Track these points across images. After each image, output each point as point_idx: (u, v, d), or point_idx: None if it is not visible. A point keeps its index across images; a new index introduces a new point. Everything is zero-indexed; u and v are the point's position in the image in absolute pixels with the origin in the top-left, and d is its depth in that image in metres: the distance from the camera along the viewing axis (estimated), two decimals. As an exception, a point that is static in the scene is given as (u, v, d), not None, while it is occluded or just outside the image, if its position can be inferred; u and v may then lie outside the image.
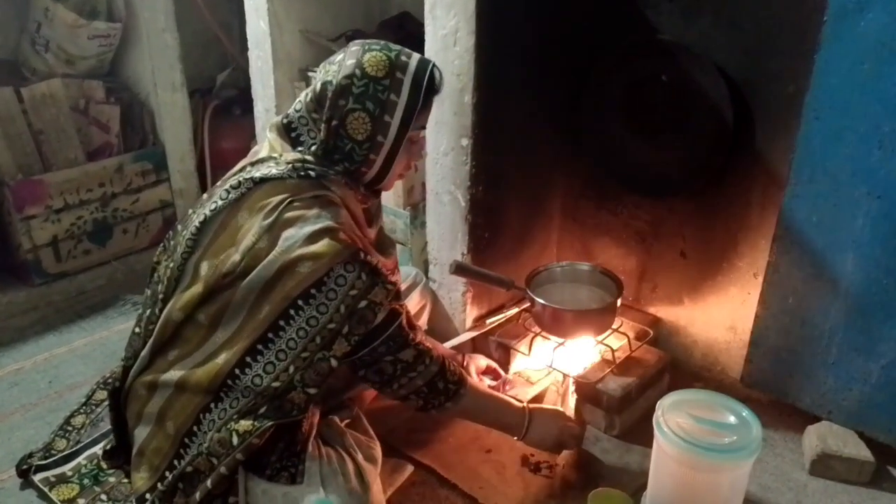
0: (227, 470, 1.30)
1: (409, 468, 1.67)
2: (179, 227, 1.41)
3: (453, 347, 1.87)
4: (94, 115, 2.52)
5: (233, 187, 1.34)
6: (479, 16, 1.69)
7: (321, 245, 1.26)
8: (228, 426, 1.29)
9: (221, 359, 1.29)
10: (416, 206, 2.18)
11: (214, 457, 1.30)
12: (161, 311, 1.36)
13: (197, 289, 1.31)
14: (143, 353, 1.38)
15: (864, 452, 1.65)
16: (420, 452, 1.72)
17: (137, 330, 1.43)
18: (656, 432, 1.40)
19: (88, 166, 2.47)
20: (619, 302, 1.85)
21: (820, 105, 1.55)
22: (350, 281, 1.27)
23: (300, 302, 1.26)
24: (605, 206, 2.10)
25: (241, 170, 1.39)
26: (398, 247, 2.23)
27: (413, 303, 1.85)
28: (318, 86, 1.35)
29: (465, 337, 1.99)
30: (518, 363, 1.98)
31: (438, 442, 1.76)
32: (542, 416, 1.58)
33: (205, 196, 1.42)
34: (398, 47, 1.38)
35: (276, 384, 1.28)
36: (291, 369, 1.28)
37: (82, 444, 1.74)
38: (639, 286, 2.11)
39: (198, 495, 1.31)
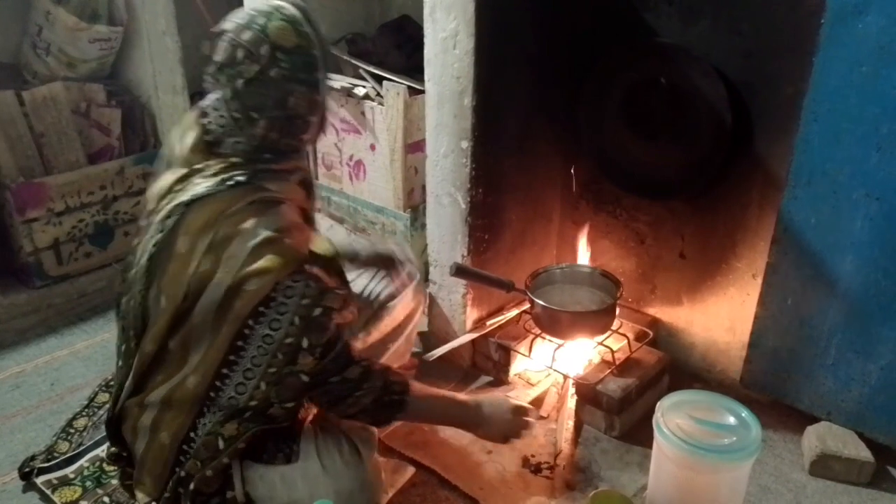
0: (213, 472, 1.30)
1: (410, 469, 1.68)
2: (131, 259, 1.38)
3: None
4: (95, 118, 2.53)
5: (166, 217, 1.29)
6: (479, 19, 1.70)
7: (265, 260, 1.22)
8: (215, 429, 1.29)
9: (197, 381, 1.28)
10: (416, 209, 2.19)
11: (199, 460, 1.30)
12: (136, 345, 1.35)
13: (162, 322, 1.29)
14: (128, 383, 1.37)
15: (863, 453, 1.66)
16: (420, 454, 1.72)
17: (120, 364, 1.41)
18: (656, 433, 1.40)
19: (89, 169, 2.47)
20: (618, 303, 1.86)
21: (818, 107, 1.56)
22: (300, 290, 1.23)
23: (251, 321, 1.23)
24: (605, 208, 2.11)
25: (170, 190, 1.33)
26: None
27: (405, 302, 1.83)
28: (240, 85, 1.27)
29: (465, 339, 2.00)
30: (518, 364, 1.99)
31: (439, 443, 1.76)
32: (490, 408, 1.57)
33: (143, 223, 1.37)
34: (271, 4, 1.29)
35: (252, 402, 1.26)
36: (263, 386, 1.25)
37: (84, 447, 1.75)
38: (638, 287, 2.11)
39: (188, 498, 1.31)
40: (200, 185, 1.28)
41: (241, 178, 1.28)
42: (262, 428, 1.29)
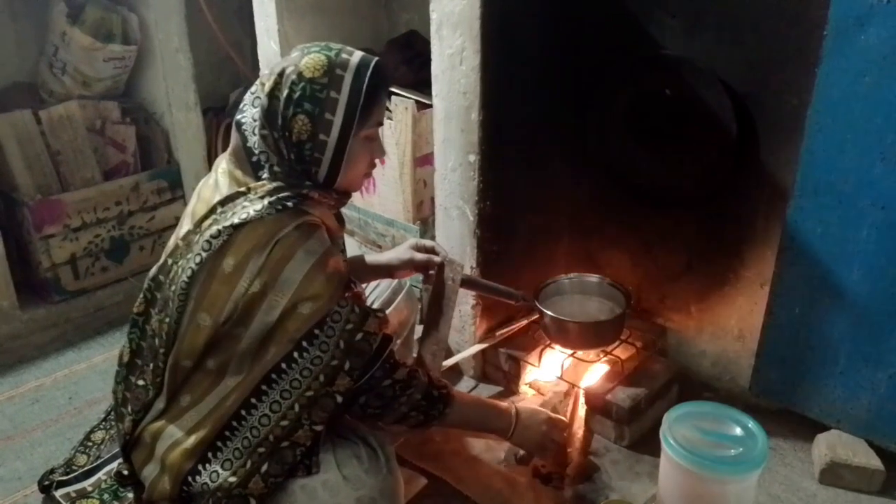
0: None
1: (422, 480, 1.69)
2: (162, 279, 1.38)
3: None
4: (110, 135, 2.58)
5: (213, 237, 1.30)
6: (485, 35, 1.72)
7: (318, 285, 1.28)
8: (237, 484, 1.30)
9: (231, 400, 1.32)
10: (425, 221, 2.21)
11: None
12: (164, 363, 1.36)
13: (200, 340, 1.32)
14: (158, 402, 1.39)
15: (873, 461, 1.66)
16: (432, 464, 1.74)
17: (142, 382, 1.42)
18: (663, 445, 1.42)
19: (105, 185, 2.52)
20: (626, 313, 1.88)
21: (822, 118, 1.57)
22: (345, 316, 1.30)
23: (304, 343, 1.28)
24: (612, 219, 2.12)
25: (212, 211, 1.34)
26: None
27: (398, 310, 1.82)
28: (266, 102, 1.31)
29: (475, 349, 2.01)
30: (528, 375, 2.00)
31: (451, 454, 1.78)
32: (528, 416, 1.60)
33: (180, 243, 1.36)
34: (339, 46, 1.35)
35: (283, 423, 1.30)
36: (297, 408, 1.30)
37: (102, 460, 1.77)
38: (647, 297, 2.12)
39: None
40: (249, 209, 1.30)
41: (289, 204, 1.31)
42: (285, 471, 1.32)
